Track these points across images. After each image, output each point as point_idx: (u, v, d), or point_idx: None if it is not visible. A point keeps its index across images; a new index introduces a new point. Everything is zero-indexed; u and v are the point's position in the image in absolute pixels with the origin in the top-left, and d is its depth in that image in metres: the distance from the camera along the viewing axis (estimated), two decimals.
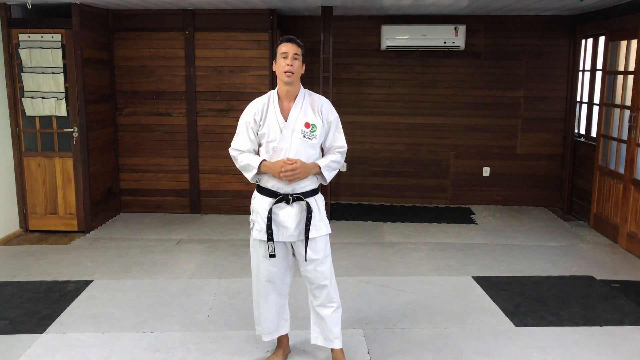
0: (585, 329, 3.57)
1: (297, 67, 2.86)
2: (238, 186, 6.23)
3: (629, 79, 5.31)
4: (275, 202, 2.88)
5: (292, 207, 2.90)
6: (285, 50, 2.84)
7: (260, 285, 3.02)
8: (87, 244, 5.28)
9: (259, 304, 3.06)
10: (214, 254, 5.01)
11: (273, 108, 2.90)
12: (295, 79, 2.87)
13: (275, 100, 2.91)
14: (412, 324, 3.63)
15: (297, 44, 2.87)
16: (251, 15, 5.94)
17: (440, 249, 5.17)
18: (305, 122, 2.88)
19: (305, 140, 2.87)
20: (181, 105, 6.17)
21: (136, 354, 3.24)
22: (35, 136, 5.54)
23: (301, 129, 2.87)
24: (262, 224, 2.91)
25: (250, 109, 2.94)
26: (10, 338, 3.42)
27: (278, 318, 3.10)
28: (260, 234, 2.93)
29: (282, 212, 2.90)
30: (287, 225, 2.90)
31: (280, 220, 2.90)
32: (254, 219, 2.96)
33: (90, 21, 5.61)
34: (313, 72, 6.20)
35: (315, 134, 2.89)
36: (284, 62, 2.83)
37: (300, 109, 2.90)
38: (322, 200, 3.02)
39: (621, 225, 5.29)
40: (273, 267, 2.98)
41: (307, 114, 2.91)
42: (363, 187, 6.90)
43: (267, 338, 3.12)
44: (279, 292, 3.06)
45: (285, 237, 2.92)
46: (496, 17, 6.49)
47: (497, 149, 6.76)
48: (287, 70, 2.82)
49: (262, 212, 2.91)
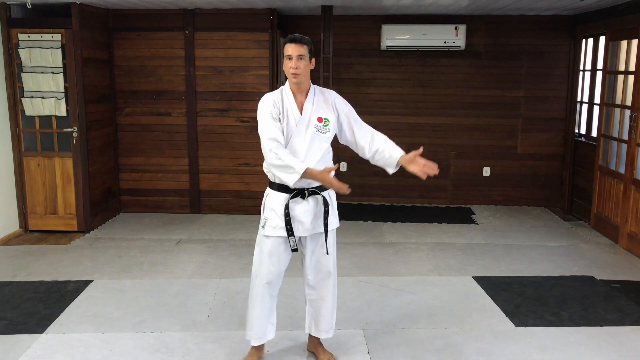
0: (586, 329, 3.57)
1: (304, 67, 2.86)
2: (238, 186, 6.23)
3: (629, 79, 5.30)
4: (292, 197, 2.88)
5: (308, 202, 2.92)
6: (290, 53, 2.84)
7: (259, 286, 3.00)
8: (87, 244, 5.27)
9: (254, 307, 3.04)
10: (214, 254, 5.00)
11: (288, 102, 2.90)
12: (304, 78, 2.88)
13: (289, 95, 2.91)
14: (412, 324, 3.63)
15: (302, 43, 2.85)
16: (251, 15, 5.93)
17: (441, 249, 5.16)
18: (318, 116, 2.90)
19: (318, 135, 2.89)
20: (181, 105, 6.16)
21: (136, 354, 3.24)
22: (35, 136, 5.54)
23: (314, 123, 2.89)
24: (277, 220, 2.90)
25: (267, 102, 2.89)
26: (10, 338, 3.42)
27: (267, 322, 3.07)
28: (274, 230, 2.90)
29: (298, 207, 2.91)
30: (303, 220, 2.92)
31: (296, 215, 2.91)
32: (267, 216, 2.93)
33: (90, 21, 5.60)
34: (313, 71, 6.16)
35: (328, 128, 2.91)
36: (289, 63, 2.85)
37: (312, 104, 2.93)
38: (334, 193, 3.04)
39: (621, 225, 5.28)
40: (275, 267, 2.97)
41: (320, 108, 2.93)
42: (363, 187, 6.89)
43: (256, 343, 3.09)
44: (272, 294, 3.05)
45: (301, 232, 2.93)
46: (496, 17, 6.49)
47: (497, 149, 6.75)
48: (293, 72, 2.84)
49: (278, 208, 2.90)
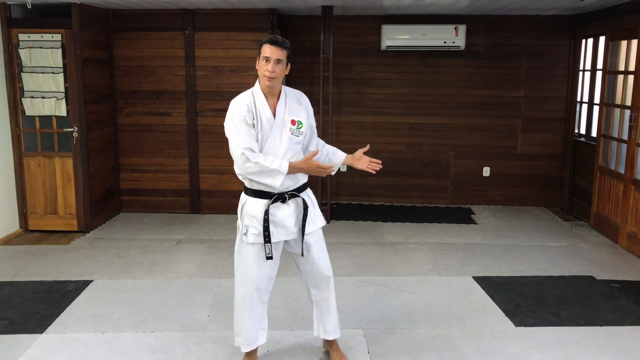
0: (586, 329, 3.57)
1: (280, 72, 2.76)
2: (238, 186, 6.22)
3: (629, 79, 5.31)
4: (272, 202, 2.83)
5: (289, 205, 2.88)
6: (268, 55, 2.72)
7: (247, 294, 2.93)
8: (87, 244, 5.27)
9: (243, 314, 2.97)
10: (214, 254, 5.00)
11: (261, 105, 2.80)
12: (277, 82, 2.79)
13: (261, 98, 2.81)
14: (412, 324, 3.63)
15: (282, 47, 2.73)
16: (251, 15, 5.94)
17: (441, 249, 5.16)
18: (291, 119, 2.85)
19: (292, 137, 2.84)
20: (181, 105, 6.16)
21: (136, 354, 3.24)
22: (35, 136, 5.54)
23: (289, 126, 2.84)
24: (259, 227, 2.82)
25: (239, 105, 2.78)
26: (10, 338, 3.42)
27: (257, 328, 3.02)
28: (257, 238, 2.83)
29: (279, 211, 2.85)
30: (286, 224, 2.87)
31: (278, 219, 2.85)
32: (248, 224, 2.84)
33: (90, 21, 5.61)
34: (313, 72, 6.20)
35: (301, 131, 2.87)
36: (265, 66, 2.74)
37: (285, 106, 2.86)
38: (312, 193, 3.04)
39: (621, 225, 5.28)
40: (262, 272, 2.90)
41: (293, 110, 2.87)
42: (363, 187, 6.89)
43: (246, 349, 3.03)
44: (262, 300, 2.98)
45: (285, 236, 2.88)
46: (496, 17, 6.49)
47: (497, 149, 6.76)
48: (269, 76, 2.74)
49: (258, 214, 2.82)
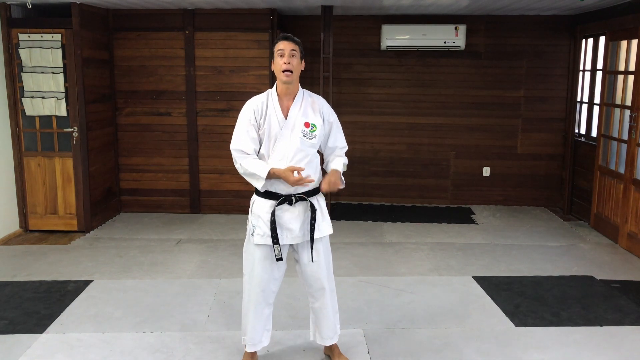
0: (585, 329, 3.57)
1: (296, 65, 2.79)
2: (238, 186, 6.23)
3: (629, 79, 5.31)
4: (278, 204, 2.82)
5: (295, 208, 2.85)
6: (282, 48, 2.77)
7: (253, 294, 2.94)
8: (87, 244, 5.27)
9: (248, 313, 2.99)
10: (214, 254, 5.00)
11: (273, 106, 2.83)
12: (294, 77, 2.81)
13: (274, 99, 2.85)
14: (412, 324, 3.63)
15: (294, 42, 2.81)
16: (251, 15, 5.94)
17: (441, 249, 5.16)
18: (305, 121, 2.84)
19: (304, 140, 2.82)
20: (181, 105, 6.16)
21: (136, 354, 3.24)
22: (35, 136, 5.54)
23: (301, 128, 2.82)
24: (264, 228, 2.82)
25: (249, 106, 2.85)
26: (10, 338, 3.42)
27: (262, 329, 3.03)
28: (262, 239, 2.84)
29: (285, 213, 2.84)
30: (291, 227, 2.85)
31: (284, 222, 2.84)
32: (255, 224, 2.86)
33: (90, 21, 5.61)
34: (313, 72, 6.20)
35: (315, 134, 2.85)
36: (281, 60, 2.77)
37: (299, 108, 2.85)
38: (323, 199, 2.99)
39: (621, 225, 5.28)
40: (267, 274, 2.91)
41: (308, 113, 2.86)
42: (363, 187, 6.89)
43: (251, 349, 3.05)
44: (267, 301, 2.98)
45: (290, 239, 2.86)
46: (496, 17, 6.49)
47: (497, 149, 6.76)
48: (285, 69, 2.76)
49: (264, 215, 2.83)
